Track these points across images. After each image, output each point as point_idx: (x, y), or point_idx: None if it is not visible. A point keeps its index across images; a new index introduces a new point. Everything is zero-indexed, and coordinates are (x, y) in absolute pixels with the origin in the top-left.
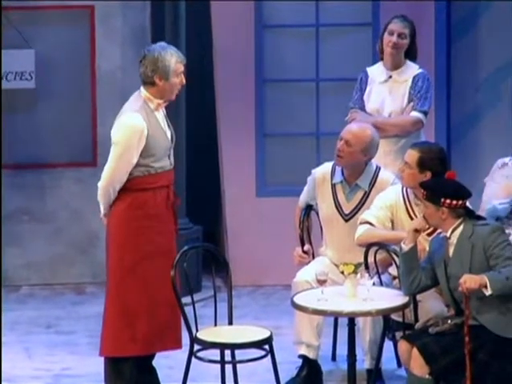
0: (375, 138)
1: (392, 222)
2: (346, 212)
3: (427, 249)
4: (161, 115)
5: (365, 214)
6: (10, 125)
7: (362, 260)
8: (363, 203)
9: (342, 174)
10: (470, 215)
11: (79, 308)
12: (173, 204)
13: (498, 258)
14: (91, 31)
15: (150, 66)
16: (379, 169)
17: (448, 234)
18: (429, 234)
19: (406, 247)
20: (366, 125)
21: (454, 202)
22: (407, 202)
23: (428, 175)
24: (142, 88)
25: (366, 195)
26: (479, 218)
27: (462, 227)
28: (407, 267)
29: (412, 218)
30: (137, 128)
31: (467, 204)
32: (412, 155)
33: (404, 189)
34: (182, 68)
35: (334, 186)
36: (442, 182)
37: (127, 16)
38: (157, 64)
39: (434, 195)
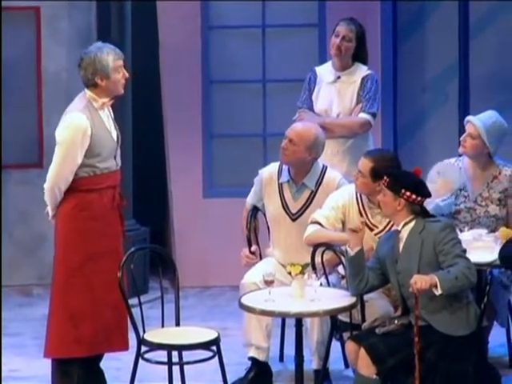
0: (320, 136)
1: (343, 222)
2: (293, 211)
3: (374, 247)
4: (106, 115)
5: (315, 214)
6: None
7: (309, 260)
8: (310, 202)
9: (289, 173)
10: (424, 214)
11: (26, 310)
12: (119, 205)
13: (448, 255)
14: (37, 32)
15: (89, 68)
16: (326, 168)
17: (399, 228)
18: (376, 234)
19: (351, 252)
20: (311, 124)
21: (413, 197)
22: (360, 204)
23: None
24: (85, 90)
25: (313, 194)
26: (432, 217)
27: (413, 223)
28: (354, 270)
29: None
30: (80, 127)
31: (425, 204)
32: (365, 164)
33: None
34: (120, 63)
35: (280, 185)
36: (406, 174)
37: (73, 17)
38: (95, 66)
39: (395, 184)
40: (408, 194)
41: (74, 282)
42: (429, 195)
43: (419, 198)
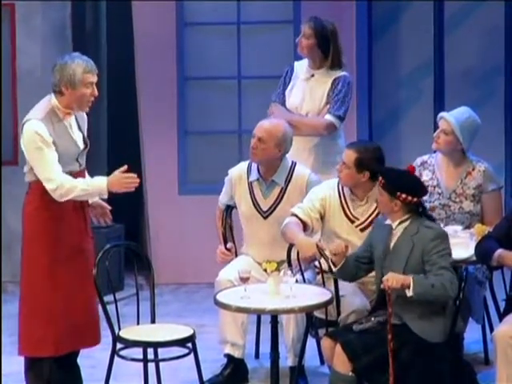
0: (288, 132)
1: (321, 214)
2: (264, 209)
3: (352, 242)
4: (68, 123)
5: (294, 206)
6: None
7: (283, 257)
8: (280, 199)
9: (258, 171)
10: (422, 213)
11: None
12: (82, 205)
13: (434, 265)
14: (11, 30)
15: (57, 74)
16: (295, 164)
17: (394, 226)
18: (357, 226)
19: (334, 268)
20: (279, 120)
21: (410, 198)
22: (342, 196)
23: (366, 175)
24: (52, 95)
25: (283, 191)
26: (429, 217)
27: (408, 222)
28: (342, 276)
29: (346, 213)
30: (39, 133)
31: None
32: (349, 156)
33: (340, 183)
34: (91, 78)
35: (250, 184)
36: (402, 175)
37: (47, 14)
38: (63, 73)
39: (391, 186)
40: (404, 195)
41: (42, 281)
42: (425, 193)
43: (415, 199)
